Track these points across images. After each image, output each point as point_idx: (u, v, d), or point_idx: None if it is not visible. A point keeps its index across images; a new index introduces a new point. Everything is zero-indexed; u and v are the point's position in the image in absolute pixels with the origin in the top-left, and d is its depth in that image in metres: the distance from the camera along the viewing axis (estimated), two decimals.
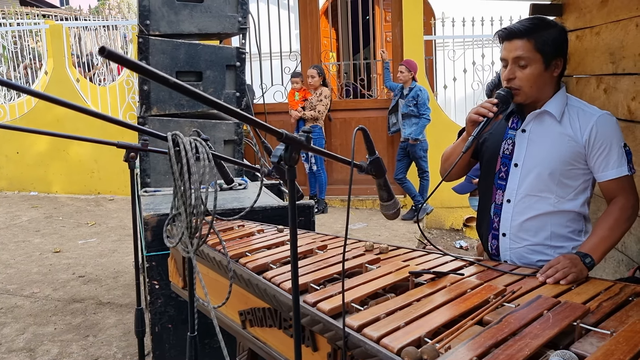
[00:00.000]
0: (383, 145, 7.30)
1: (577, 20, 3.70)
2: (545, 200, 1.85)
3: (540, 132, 1.86)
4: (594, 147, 1.79)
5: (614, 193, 1.82)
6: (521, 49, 1.78)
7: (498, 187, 1.94)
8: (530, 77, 1.80)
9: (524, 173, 1.87)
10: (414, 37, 7.06)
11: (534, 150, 1.86)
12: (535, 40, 1.78)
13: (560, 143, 1.82)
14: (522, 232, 1.89)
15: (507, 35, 1.81)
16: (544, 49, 1.78)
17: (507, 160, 1.91)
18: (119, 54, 0.73)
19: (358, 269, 1.80)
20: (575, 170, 1.83)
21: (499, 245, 1.95)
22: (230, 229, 2.43)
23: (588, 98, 3.52)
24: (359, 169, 1.43)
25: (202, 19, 3.51)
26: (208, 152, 1.39)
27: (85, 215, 7.30)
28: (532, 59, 1.79)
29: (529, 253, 1.89)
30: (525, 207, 1.87)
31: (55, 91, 8.13)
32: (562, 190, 1.84)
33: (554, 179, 1.83)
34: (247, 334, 1.87)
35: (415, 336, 1.25)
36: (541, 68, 1.80)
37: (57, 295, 4.46)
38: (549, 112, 1.84)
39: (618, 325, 1.28)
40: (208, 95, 0.88)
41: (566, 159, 1.81)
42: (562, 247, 1.87)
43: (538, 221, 1.87)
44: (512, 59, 1.80)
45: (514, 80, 1.82)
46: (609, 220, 1.80)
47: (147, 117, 3.45)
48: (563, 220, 1.87)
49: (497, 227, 1.95)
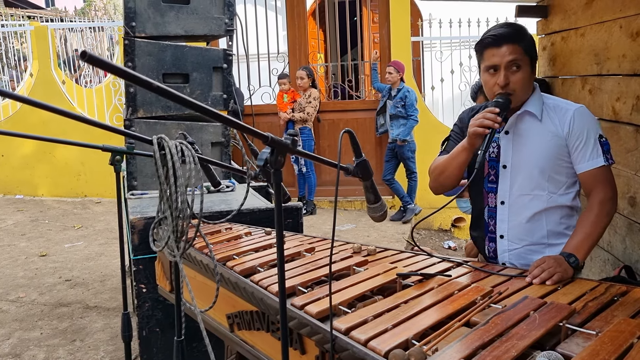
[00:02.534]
0: (371, 146, 7.30)
1: (562, 22, 3.73)
2: (538, 198, 1.87)
3: (524, 132, 1.88)
4: (572, 138, 1.83)
5: (592, 185, 1.84)
6: (514, 52, 1.80)
7: (489, 190, 1.95)
8: (523, 80, 1.83)
9: (513, 173, 1.89)
10: (402, 39, 7.08)
11: (520, 150, 1.88)
12: (523, 44, 1.82)
13: (545, 140, 1.85)
14: (520, 232, 1.90)
15: (497, 41, 1.81)
16: (531, 52, 1.83)
17: (494, 163, 1.93)
18: (100, 58, 0.72)
19: (346, 271, 1.80)
20: (563, 164, 1.86)
21: (496, 248, 1.96)
22: (218, 232, 2.42)
23: (573, 99, 3.55)
24: (346, 172, 1.43)
25: (188, 20, 3.49)
26: (194, 155, 1.38)
27: (72, 218, 7.24)
28: (524, 61, 1.82)
29: (527, 253, 1.90)
30: (521, 207, 1.89)
31: (41, 93, 8.05)
32: (553, 185, 1.86)
33: (544, 175, 1.85)
34: (235, 337, 1.86)
35: (403, 338, 1.25)
36: (529, 71, 1.85)
37: (44, 300, 4.42)
38: (530, 111, 1.87)
39: (603, 325, 1.29)
40: (190, 99, 0.87)
41: (553, 155, 1.84)
42: (559, 244, 1.87)
43: (534, 220, 1.88)
44: (505, 63, 1.81)
45: (509, 85, 1.82)
46: (590, 216, 1.82)
47: (133, 119, 3.43)
48: (557, 217, 1.89)
49: (493, 230, 1.96)
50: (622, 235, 2.94)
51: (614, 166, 2.99)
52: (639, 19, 2.71)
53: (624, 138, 2.88)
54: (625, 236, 2.90)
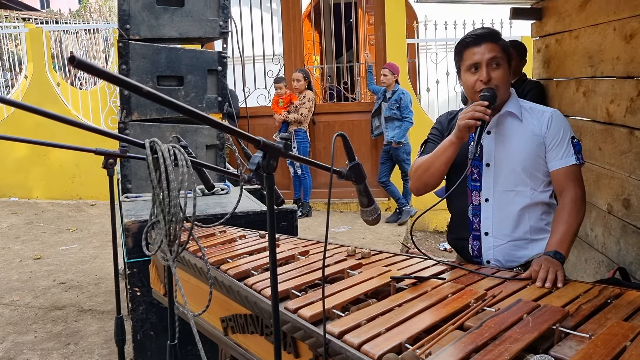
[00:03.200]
0: (366, 148, 7.31)
1: (556, 24, 3.74)
2: (522, 194, 1.93)
3: (505, 131, 1.95)
4: (549, 138, 1.92)
5: (564, 183, 1.91)
6: (493, 50, 1.89)
7: (472, 189, 2.00)
8: (503, 76, 1.91)
9: (497, 171, 1.95)
10: (397, 40, 7.09)
11: (503, 149, 1.94)
12: (500, 43, 1.92)
13: (526, 139, 1.93)
14: (504, 229, 1.95)
15: (476, 40, 1.91)
16: (507, 51, 1.94)
17: (477, 162, 1.97)
18: (89, 62, 0.71)
19: (340, 274, 1.79)
20: (542, 162, 1.94)
21: (481, 246, 1.99)
22: (212, 235, 2.42)
23: (568, 101, 3.56)
24: (339, 175, 1.43)
25: (182, 23, 3.48)
26: (187, 159, 1.37)
27: (67, 221, 7.22)
28: (502, 59, 1.91)
29: (512, 249, 1.96)
30: (505, 203, 1.95)
31: (36, 96, 8.03)
32: (535, 182, 1.94)
33: (526, 172, 1.92)
34: (229, 340, 1.86)
35: (396, 342, 1.25)
36: (507, 68, 1.93)
37: (38, 303, 4.40)
38: (511, 112, 1.95)
39: (597, 328, 1.29)
40: (179, 103, 0.87)
41: (533, 153, 1.92)
42: (541, 239, 1.94)
43: (518, 216, 1.94)
44: (487, 60, 1.89)
45: (491, 81, 1.89)
46: (564, 215, 1.88)
47: (128, 122, 3.41)
48: (538, 213, 1.96)
49: (477, 228, 2.00)
50: (616, 237, 2.94)
51: (608, 168, 3.01)
52: (632, 21, 2.72)
53: (618, 140, 2.89)
54: (619, 238, 2.91)
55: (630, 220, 2.79)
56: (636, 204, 2.72)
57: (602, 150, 3.07)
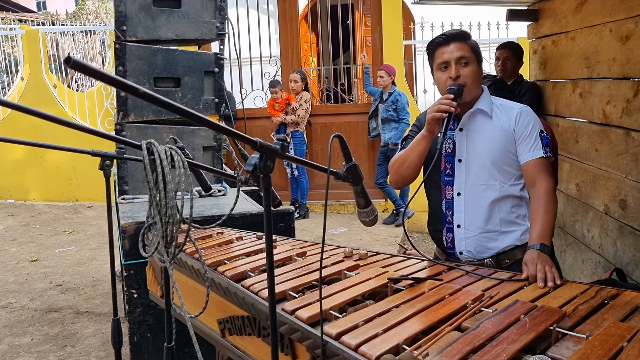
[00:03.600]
0: (363, 149, 7.31)
1: (552, 26, 3.75)
2: (492, 187, 2.01)
3: (476, 128, 2.05)
4: (518, 132, 2.01)
5: (534, 174, 1.98)
6: (462, 49, 1.99)
7: (446, 183, 2.09)
8: (472, 73, 2.00)
9: (468, 166, 2.04)
10: (394, 42, 7.09)
11: (473, 145, 2.03)
12: (469, 42, 2.02)
13: (495, 135, 2.01)
14: (476, 221, 2.04)
15: (446, 40, 2.01)
16: (476, 50, 2.03)
17: (450, 158, 2.07)
18: (85, 64, 0.71)
19: (337, 275, 1.79)
20: (511, 157, 2.02)
21: (454, 238, 2.08)
22: (209, 237, 2.41)
23: (564, 102, 3.57)
24: (336, 177, 1.43)
25: (179, 24, 3.48)
26: (184, 160, 1.37)
27: (63, 222, 7.20)
28: (471, 57, 2.00)
29: (483, 240, 2.04)
30: (476, 197, 2.03)
31: (32, 97, 8.00)
32: (504, 176, 2.02)
33: (495, 166, 2.01)
34: (226, 342, 1.86)
35: (394, 343, 1.25)
36: (477, 66, 2.03)
37: (34, 305, 4.39)
38: (482, 109, 2.04)
39: (594, 329, 1.29)
40: (176, 104, 0.87)
41: (503, 148, 2.00)
42: (512, 231, 2.04)
43: (488, 208, 2.02)
44: (455, 59, 1.99)
45: (459, 78, 1.99)
46: (541, 205, 1.94)
47: (124, 123, 3.41)
48: (508, 206, 2.04)
49: (450, 221, 2.09)
50: (613, 237, 2.95)
51: (604, 169, 3.01)
52: (628, 22, 2.73)
53: (614, 141, 2.90)
54: (616, 239, 2.91)
55: (626, 221, 2.79)
56: (633, 205, 2.72)
57: (598, 151, 3.07)
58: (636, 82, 2.68)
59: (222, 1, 3.60)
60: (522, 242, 2.04)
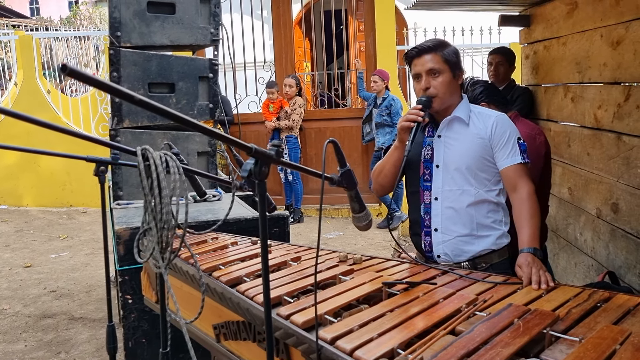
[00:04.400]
0: (358, 154, 7.33)
1: (544, 31, 3.78)
2: (467, 193, 2.06)
3: (454, 135, 2.10)
4: (495, 140, 2.06)
5: (514, 180, 2.04)
6: (432, 61, 2.04)
7: (424, 188, 2.14)
8: (443, 84, 2.05)
9: (445, 172, 2.09)
10: (387, 47, 7.12)
11: (450, 151, 2.09)
12: (442, 53, 2.05)
13: (472, 142, 2.07)
14: (452, 225, 2.08)
15: (418, 53, 2.06)
16: (449, 60, 2.05)
17: (428, 163, 2.13)
18: (81, 71, 0.72)
19: (332, 280, 1.80)
20: (487, 163, 2.07)
21: (432, 241, 2.12)
22: (204, 242, 2.42)
23: (556, 107, 3.60)
24: (330, 182, 1.44)
25: (173, 30, 3.49)
26: (179, 166, 1.38)
27: (57, 228, 7.17)
28: (442, 69, 2.04)
29: (459, 244, 2.08)
30: (452, 201, 2.08)
31: (26, 103, 7.98)
32: (480, 182, 2.07)
33: (471, 172, 2.06)
34: (222, 347, 1.85)
35: (388, 347, 1.25)
36: (450, 76, 2.06)
37: (28, 311, 4.37)
38: (459, 117, 2.09)
39: (587, 332, 1.30)
40: (171, 110, 0.88)
41: (478, 155, 2.05)
42: (488, 235, 2.08)
43: (464, 213, 2.07)
44: (426, 71, 2.05)
45: (430, 89, 2.05)
46: (527, 209, 2.00)
47: (119, 129, 3.41)
48: (484, 211, 2.08)
49: (428, 225, 2.13)
50: (605, 241, 2.97)
51: (596, 173, 3.04)
52: (619, 28, 2.75)
53: (606, 145, 2.92)
54: (608, 242, 2.93)
55: (618, 224, 2.81)
56: (624, 208, 2.74)
57: (590, 155, 3.10)
58: (627, 86, 2.71)
59: (216, 7, 3.61)
60: (498, 247, 2.09)
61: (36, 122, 1.40)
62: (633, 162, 2.65)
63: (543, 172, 2.77)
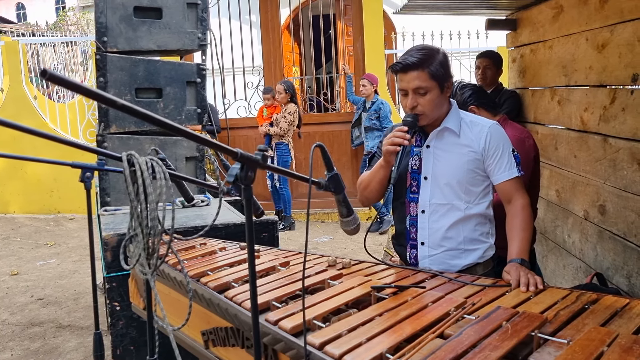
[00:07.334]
0: (347, 158, 7.33)
1: (530, 35, 3.81)
2: (456, 207, 2.00)
3: (443, 146, 2.03)
4: (489, 153, 1.99)
5: (510, 193, 2.01)
6: (418, 79, 1.92)
7: (411, 200, 2.07)
8: (430, 102, 1.95)
9: (433, 184, 2.02)
10: (376, 51, 7.15)
11: (440, 163, 2.01)
12: (429, 69, 1.92)
13: (462, 154, 2.00)
14: (439, 239, 2.02)
15: (403, 69, 1.94)
16: (437, 75, 1.93)
17: (416, 174, 2.05)
18: (61, 76, 0.71)
19: (320, 284, 1.79)
20: (478, 177, 2.01)
21: (417, 255, 2.06)
22: (192, 248, 2.40)
23: (543, 110, 3.62)
24: (318, 186, 1.43)
25: (160, 35, 3.47)
26: (165, 171, 1.37)
27: (45, 235, 7.10)
28: (430, 86, 1.93)
29: (446, 258, 2.03)
30: (440, 216, 2.02)
31: (12, 109, 7.91)
32: (469, 196, 2.01)
33: (461, 186, 1.99)
34: (210, 354, 1.84)
35: (377, 352, 1.25)
36: (438, 92, 1.95)
37: (15, 320, 4.31)
38: (449, 127, 2.01)
39: (575, 334, 1.31)
40: (155, 115, 0.87)
41: (469, 168, 1.99)
42: (475, 249, 2.04)
43: (452, 228, 2.01)
44: (412, 89, 1.94)
45: (417, 107, 1.96)
46: (519, 222, 1.98)
47: (106, 135, 3.38)
48: (472, 225, 2.03)
49: (414, 237, 2.07)
50: (593, 242, 2.98)
51: (583, 175, 3.06)
52: (604, 31, 2.78)
53: (592, 148, 2.94)
54: (596, 244, 2.95)
55: (606, 226, 2.83)
56: (611, 210, 2.76)
57: (577, 157, 3.12)
58: (612, 89, 2.73)
59: (204, 12, 3.60)
60: (483, 260, 2.05)
61: (22, 129, 1.38)
62: (619, 164, 2.66)
63: (532, 175, 2.78)
